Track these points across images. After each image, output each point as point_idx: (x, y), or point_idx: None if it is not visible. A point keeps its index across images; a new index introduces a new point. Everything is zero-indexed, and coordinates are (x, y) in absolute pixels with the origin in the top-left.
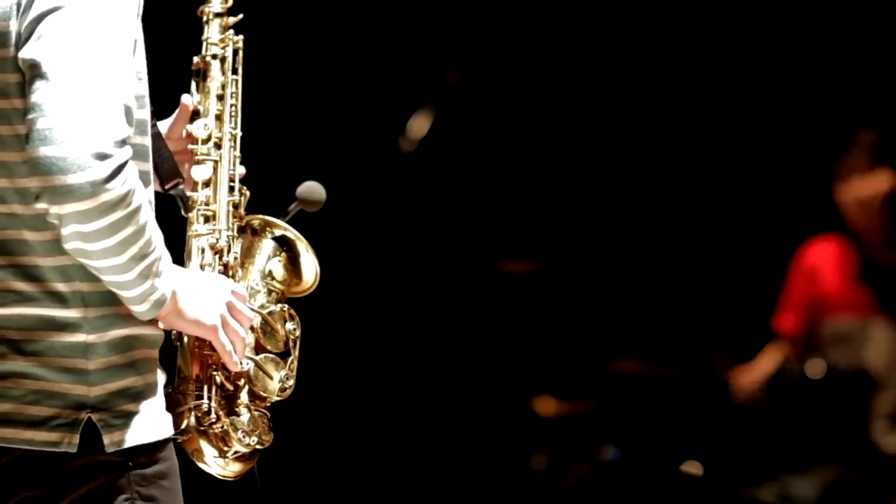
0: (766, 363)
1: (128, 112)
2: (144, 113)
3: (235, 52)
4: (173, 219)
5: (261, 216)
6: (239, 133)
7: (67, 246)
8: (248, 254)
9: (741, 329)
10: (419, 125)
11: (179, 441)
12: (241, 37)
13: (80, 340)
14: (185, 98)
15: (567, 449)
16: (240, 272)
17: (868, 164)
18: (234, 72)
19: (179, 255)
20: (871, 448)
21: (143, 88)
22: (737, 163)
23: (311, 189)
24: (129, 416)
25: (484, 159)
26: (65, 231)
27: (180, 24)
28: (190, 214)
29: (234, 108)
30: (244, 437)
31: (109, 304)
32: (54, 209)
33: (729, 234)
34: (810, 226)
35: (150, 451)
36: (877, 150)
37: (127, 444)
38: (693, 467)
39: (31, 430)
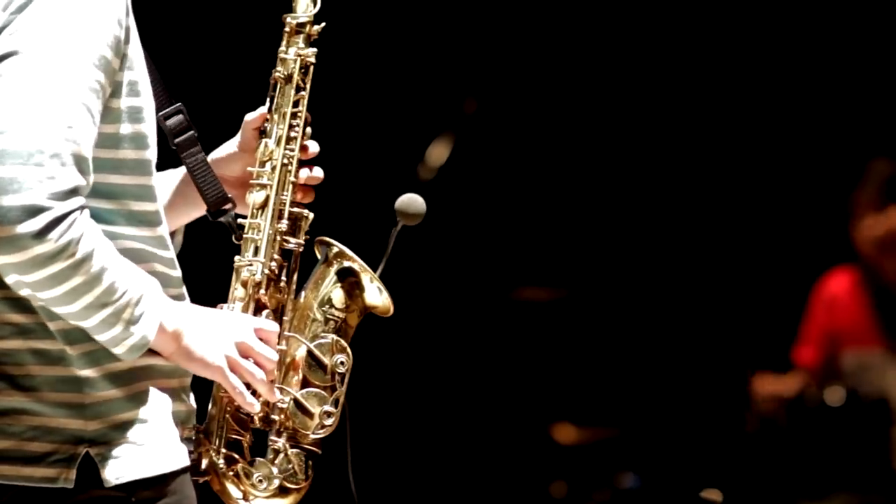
0: (788, 382)
1: (81, 161)
2: (146, 153)
3: (305, 67)
4: (230, 246)
5: (335, 244)
6: (296, 155)
7: (21, 292)
8: (316, 282)
9: (761, 359)
10: (438, 153)
11: (201, 481)
12: (313, 50)
13: (74, 374)
14: (255, 114)
15: (586, 476)
16: (296, 299)
17: (880, 201)
18: (300, 89)
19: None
20: (891, 476)
21: (141, 128)
22: (759, 194)
23: (410, 201)
24: (130, 449)
25: (502, 187)
26: (9, 280)
27: (263, 34)
28: (241, 242)
29: (296, 129)
30: (261, 481)
31: (94, 340)
32: None
33: (749, 262)
34: (831, 257)
35: (154, 485)
36: (889, 185)
37: (126, 479)
38: (713, 494)
39: (30, 467)
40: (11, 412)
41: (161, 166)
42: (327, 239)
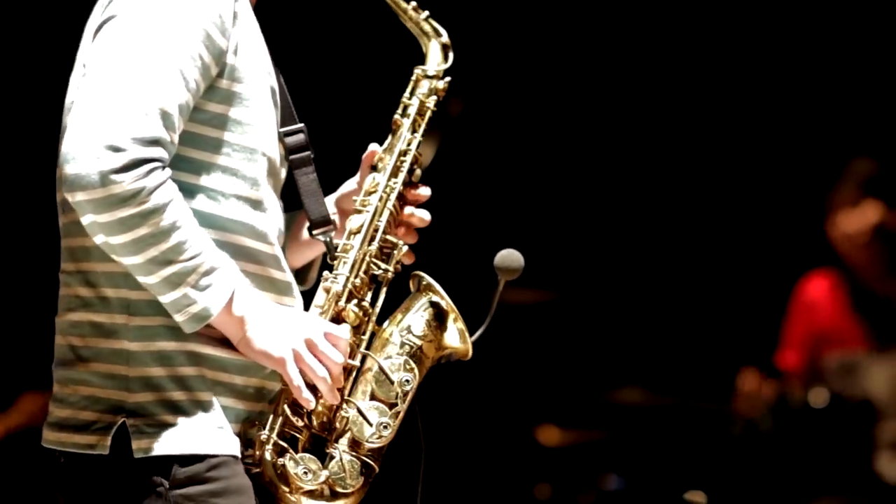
0: (770, 385)
1: (165, 116)
2: (252, 140)
3: (423, 112)
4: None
5: (426, 278)
6: (398, 187)
7: (95, 239)
8: (403, 309)
9: (746, 361)
10: (423, 155)
11: (254, 471)
12: (434, 98)
13: (122, 348)
14: (372, 146)
15: (570, 478)
16: (379, 325)
17: (856, 197)
18: (414, 131)
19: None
20: (875, 478)
21: (249, 115)
22: (740, 195)
23: (510, 258)
24: (165, 426)
25: (488, 189)
26: (84, 220)
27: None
28: (334, 262)
29: (403, 165)
30: (305, 473)
31: (156, 314)
32: (69, 198)
33: (733, 265)
34: (809, 259)
35: (190, 464)
36: (866, 183)
37: (155, 452)
38: (696, 497)
39: (79, 434)
40: (72, 382)
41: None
42: (422, 273)
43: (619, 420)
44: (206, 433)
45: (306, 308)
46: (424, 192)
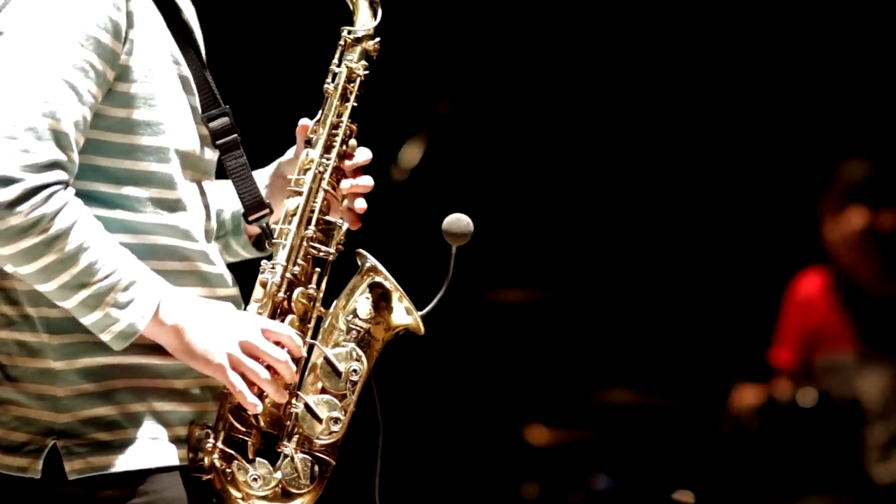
0: (762, 390)
1: (60, 136)
2: (161, 139)
3: (352, 79)
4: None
5: (369, 258)
6: (331, 163)
7: (5, 269)
8: (346, 293)
9: (736, 360)
10: (411, 154)
11: (204, 479)
12: (364, 63)
13: (48, 367)
14: (302, 121)
15: (559, 478)
16: (326, 308)
17: (844, 202)
18: (346, 100)
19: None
20: (863, 477)
21: (155, 114)
22: (729, 194)
23: (457, 223)
24: (97, 445)
25: (476, 188)
26: None
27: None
28: (272, 247)
29: (335, 139)
30: (255, 480)
31: (77, 331)
32: None
33: (724, 264)
34: (804, 257)
35: (119, 484)
36: (855, 187)
37: (89, 474)
38: (685, 496)
39: (10, 456)
40: (2, 402)
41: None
42: (364, 252)
43: (608, 420)
44: (138, 448)
45: (245, 300)
46: (362, 156)
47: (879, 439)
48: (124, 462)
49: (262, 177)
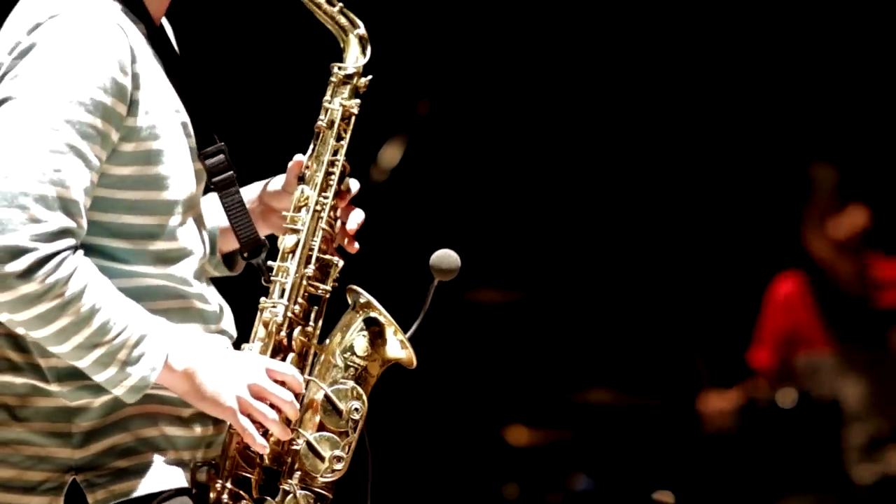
0: (737, 393)
1: (69, 203)
2: (165, 194)
3: (348, 117)
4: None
5: (363, 294)
6: (329, 202)
7: (17, 331)
8: (341, 329)
9: (714, 360)
10: (391, 155)
11: None
12: (357, 101)
13: (64, 406)
14: (297, 157)
15: (539, 478)
16: (321, 344)
17: (837, 204)
18: (340, 138)
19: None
20: (843, 477)
21: (160, 170)
22: (708, 196)
23: (445, 258)
24: (116, 473)
25: (455, 189)
26: (1, 318)
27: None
28: (269, 284)
29: (332, 178)
30: None
31: (86, 377)
32: None
33: (702, 264)
34: (783, 259)
35: None
36: (841, 189)
37: (113, 502)
38: (665, 496)
39: (28, 496)
40: (12, 443)
41: None
42: (357, 288)
43: (588, 420)
44: (155, 471)
45: (244, 334)
46: (353, 187)
47: (860, 439)
48: (145, 486)
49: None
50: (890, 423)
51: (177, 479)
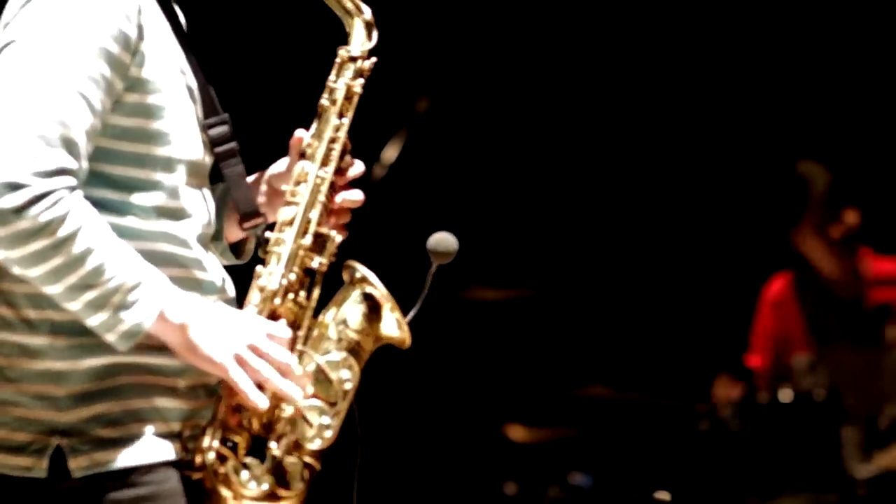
0: (741, 387)
1: (70, 143)
2: (169, 149)
3: (350, 97)
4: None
5: (360, 269)
6: (329, 177)
7: (12, 271)
8: (337, 302)
9: (711, 357)
10: (390, 152)
11: (194, 478)
12: (360, 81)
13: (50, 368)
14: (298, 133)
15: (538, 475)
16: (315, 317)
17: (831, 206)
18: (342, 116)
19: None
20: (842, 474)
21: (164, 125)
22: (706, 194)
23: (443, 241)
24: (100, 442)
25: (455, 186)
26: None
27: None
28: (265, 255)
29: (333, 153)
30: (249, 481)
31: (82, 334)
32: None
33: (701, 260)
34: (781, 257)
35: (121, 478)
36: (832, 191)
37: (94, 470)
38: (661, 495)
39: (13, 456)
40: (3, 403)
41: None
42: (354, 263)
43: (587, 417)
44: (141, 443)
45: (239, 303)
46: (356, 170)
47: (856, 437)
48: (128, 457)
49: (256, 184)
50: (886, 420)
51: (164, 451)
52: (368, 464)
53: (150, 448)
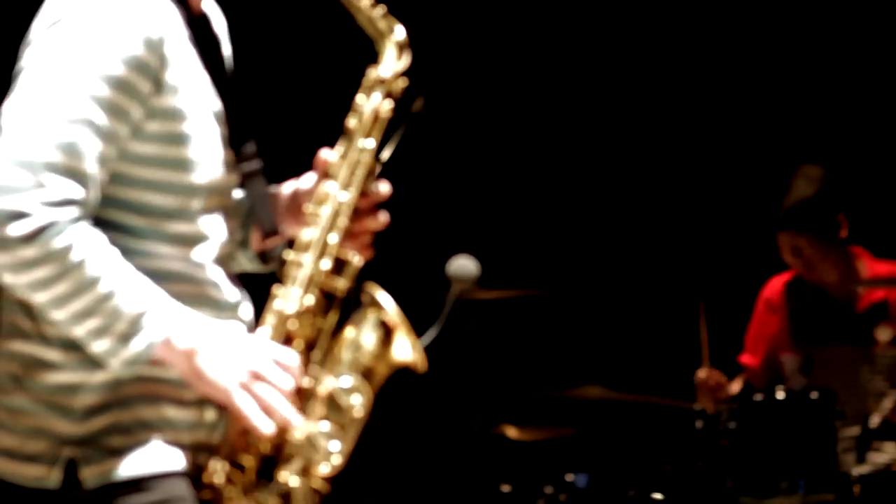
0: (735, 382)
1: (81, 175)
2: (191, 177)
3: (377, 118)
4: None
5: (377, 293)
6: (350, 200)
7: (20, 296)
8: (353, 325)
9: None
10: (384, 151)
11: (202, 498)
12: (389, 102)
13: (65, 381)
14: (323, 153)
15: (533, 475)
16: (332, 339)
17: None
18: (369, 138)
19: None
20: (838, 472)
21: (187, 152)
22: (700, 194)
23: (465, 268)
24: (111, 452)
25: (449, 186)
26: (4, 280)
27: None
28: (281, 275)
29: (355, 176)
30: None
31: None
32: None
33: (698, 259)
34: (774, 260)
35: (133, 488)
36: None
37: (105, 480)
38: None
39: (27, 466)
40: (16, 411)
41: None
42: (371, 285)
43: (582, 417)
44: (152, 453)
45: (257, 319)
46: (383, 191)
47: (851, 435)
48: (139, 467)
49: (278, 200)
50: (878, 418)
51: (173, 462)
52: (365, 463)
53: (159, 457)
